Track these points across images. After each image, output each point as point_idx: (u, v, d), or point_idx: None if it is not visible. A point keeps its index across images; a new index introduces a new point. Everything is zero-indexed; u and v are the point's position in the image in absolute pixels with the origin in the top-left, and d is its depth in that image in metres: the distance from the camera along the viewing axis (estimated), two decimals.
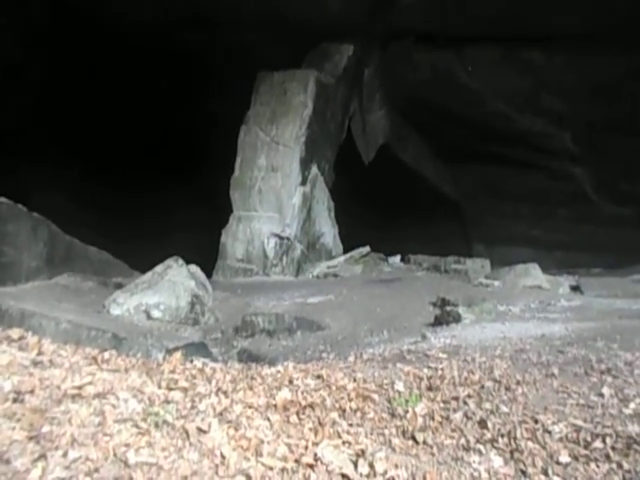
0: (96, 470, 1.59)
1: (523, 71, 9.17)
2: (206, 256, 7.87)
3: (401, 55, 9.69)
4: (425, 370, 3.14)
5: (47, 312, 4.57)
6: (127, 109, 10.63)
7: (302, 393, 2.52)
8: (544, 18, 7.77)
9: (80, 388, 2.02)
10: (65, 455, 1.62)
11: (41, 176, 8.49)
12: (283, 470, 1.80)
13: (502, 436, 2.31)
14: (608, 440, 2.22)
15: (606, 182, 11.01)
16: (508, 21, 8.00)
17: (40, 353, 2.43)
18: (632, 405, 2.61)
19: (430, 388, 2.84)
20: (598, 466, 2.09)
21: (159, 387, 2.23)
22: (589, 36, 7.87)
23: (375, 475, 1.89)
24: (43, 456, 1.60)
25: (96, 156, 10.72)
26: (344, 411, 2.39)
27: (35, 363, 2.24)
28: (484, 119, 10.43)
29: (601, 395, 2.65)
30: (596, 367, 3.08)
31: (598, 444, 2.20)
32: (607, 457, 2.13)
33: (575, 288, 7.06)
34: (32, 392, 1.93)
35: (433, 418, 2.45)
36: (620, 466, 2.10)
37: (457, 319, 4.83)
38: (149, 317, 5.23)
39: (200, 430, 1.91)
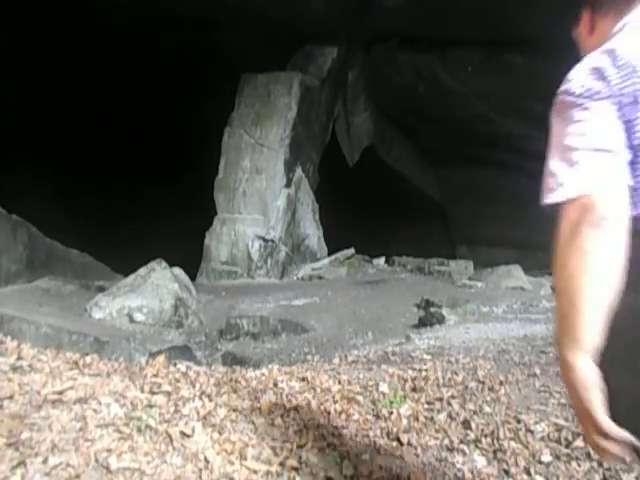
0: (77, 476, 1.57)
1: (505, 74, 9.28)
2: (190, 259, 7.82)
3: (385, 58, 9.74)
4: (409, 371, 3.16)
5: (27, 316, 4.49)
6: (110, 112, 10.52)
7: (287, 396, 2.51)
8: (525, 22, 7.87)
9: (61, 393, 1.99)
10: (45, 461, 1.59)
11: (20, 181, 8.34)
12: (268, 473, 1.79)
13: (485, 436, 2.33)
14: None
15: None
16: (491, 25, 8.09)
17: (19, 358, 2.39)
18: None
19: (414, 389, 2.85)
20: (579, 465, 2.12)
21: (142, 391, 2.21)
22: (570, 41, 8.00)
23: (360, 477, 1.89)
24: (22, 463, 1.57)
25: (78, 161, 10.59)
26: (329, 413, 2.39)
27: (14, 368, 2.20)
28: (467, 122, 10.52)
29: None
30: None
31: (579, 443, 2.23)
32: (588, 456, 2.16)
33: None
34: (11, 398, 1.90)
35: (417, 419, 2.46)
36: (600, 464, 2.13)
37: (441, 320, 4.86)
38: (132, 320, 5.17)
39: (184, 434, 1.89)
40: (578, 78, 0.94)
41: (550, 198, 0.93)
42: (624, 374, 0.87)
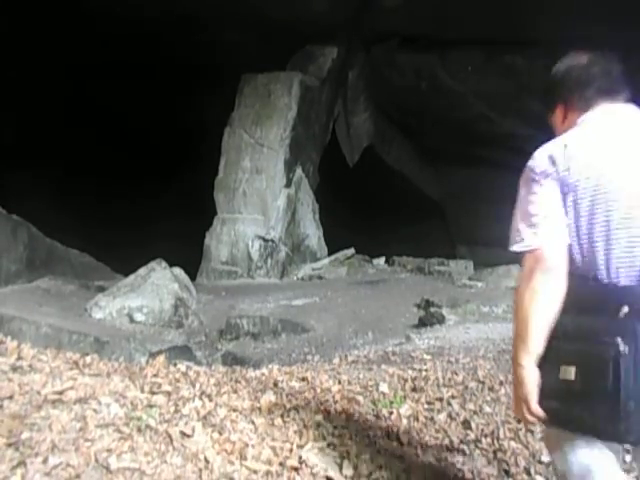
0: (77, 476, 1.57)
1: (505, 74, 9.28)
2: (190, 259, 7.81)
3: (385, 58, 9.73)
4: (409, 371, 3.16)
5: (27, 316, 4.49)
6: (110, 112, 10.52)
7: (287, 396, 2.51)
8: (526, 23, 7.86)
9: (61, 393, 1.99)
10: (45, 461, 1.59)
11: (21, 181, 8.34)
12: (268, 473, 1.79)
13: (485, 436, 2.34)
14: None
15: None
16: (490, 25, 8.09)
17: (20, 358, 2.39)
18: None
19: (414, 389, 2.85)
20: None
21: (142, 391, 2.21)
22: (570, 41, 8.00)
23: (360, 477, 1.89)
24: (22, 463, 1.57)
25: (78, 161, 10.58)
26: (329, 413, 2.39)
27: (14, 368, 2.20)
28: (467, 122, 10.51)
29: None
30: None
31: None
32: None
33: None
34: (11, 398, 1.90)
35: (417, 419, 2.46)
36: None
37: (441, 320, 4.86)
38: (132, 320, 5.18)
39: (184, 434, 1.89)
40: (539, 160, 1.33)
41: (514, 248, 1.33)
42: (549, 371, 1.25)
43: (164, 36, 8.61)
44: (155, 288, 5.49)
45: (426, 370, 3.18)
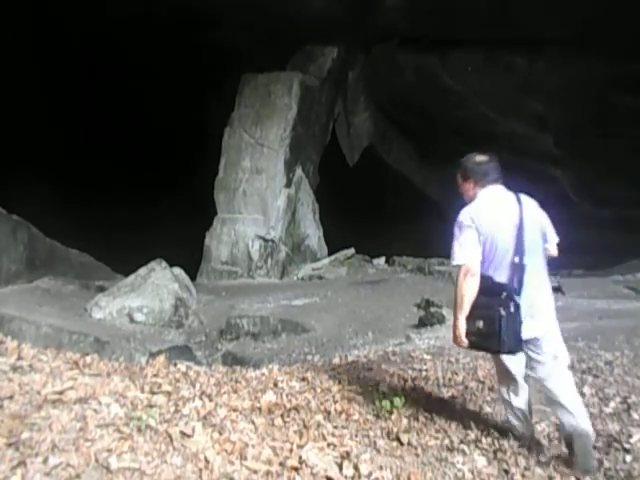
0: (77, 476, 1.57)
1: (506, 74, 9.27)
2: (190, 259, 7.81)
3: (385, 58, 9.72)
4: (409, 371, 3.16)
5: (27, 316, 4.50)
6: (111, 114, 10.51)
7: (287, 396, 2.52)
8: (526, 23, 7.86)
9: (61, 393, 2.00)
10: (45, 461, 1.59)
11: (22, 185, 8.32)
12: (268, 473, 1.79)
13: (485, 436, 2.34)
14: None
15: (587, 184, 11.16)
16: (491, 25, 8.08)
17: (20, 358, 2.39)
18: (612, 404, 2.66)
19: (414, 389, 2.85)
20: None
21: (142, 391, 2.21)
22: (570, 41, 7.98)
23: (360, 477, 1.89)
24: (22, 463, 1.57)
25: (78, 162, 10.57)
26: (329, 413, 2.39)
27: (14, 368, 2.20)
28: (468, 122, 10.51)
29: (582, 394, 2.68)
30: (577, 367, 3.12)
31: None
32: None
33: (556, 289, 7.13)
34: (11, 398, 1.90)
35: (417, 419, 2.46)
36: (601, 463, 2.13)
37: (441, 320, 4.85)
38: (132, 320, 5.18)
39: (184, 434, 1.89)
40: (465, 217, 2.36)
41: (454, 262, 2.36)
42: (470, 322, 2.28)
43: (164, 37, 8.60)
44: (155, 288, 5.49)
45: (426, 370, 3.18)
